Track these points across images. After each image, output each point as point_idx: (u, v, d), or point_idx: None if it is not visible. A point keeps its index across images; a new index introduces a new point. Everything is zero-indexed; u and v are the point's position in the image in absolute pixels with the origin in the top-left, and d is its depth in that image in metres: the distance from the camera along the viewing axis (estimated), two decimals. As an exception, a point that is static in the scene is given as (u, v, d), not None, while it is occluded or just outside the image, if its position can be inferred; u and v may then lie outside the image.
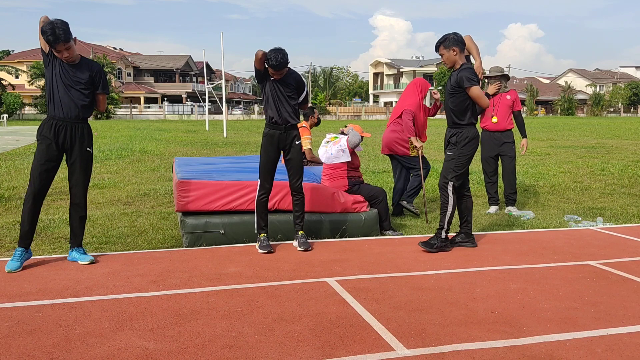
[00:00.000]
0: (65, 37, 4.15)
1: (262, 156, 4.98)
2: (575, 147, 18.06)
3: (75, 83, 4.34)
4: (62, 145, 4.38)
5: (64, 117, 4.34)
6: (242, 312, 3.47)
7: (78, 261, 4.47)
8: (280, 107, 4.91)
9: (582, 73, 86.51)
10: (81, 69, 4.38)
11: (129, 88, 64.15)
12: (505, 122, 6.95)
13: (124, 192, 8.46)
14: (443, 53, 4.95)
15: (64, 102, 4.32)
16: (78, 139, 4.41)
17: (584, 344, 3.07)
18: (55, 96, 4.32)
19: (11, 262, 4.27)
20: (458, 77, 4.93)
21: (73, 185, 4.51)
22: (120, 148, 16.32)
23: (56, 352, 2.90)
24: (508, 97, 6.99)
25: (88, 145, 4.49)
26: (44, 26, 4.14)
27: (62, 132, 4.34)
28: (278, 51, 4.71)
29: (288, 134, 4.97)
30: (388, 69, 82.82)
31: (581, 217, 6.69)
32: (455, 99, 4.99)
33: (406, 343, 3.05)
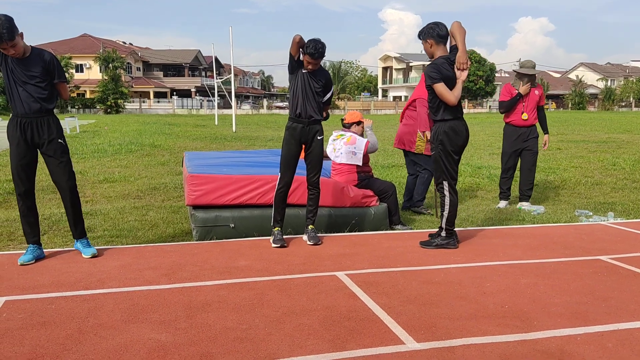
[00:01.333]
0: (9, 36, 3.96)
1: (283, 149, 4.99)
2: (586, 141, 17.94)
3: (30, 78, 4.19)
4: (32, 141, 4.29)
5: (26, 113, 4.23)
6: (253, 305, 3.49)
7: (82, 254, 4.50)
8: (307, 101, 4.91)
9: (593, 67, 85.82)
10: (33, 62, 4.21)
11: (139, 82, 64.35)
12: (532, 117, 6.85)
13: (135, 186, 8.51)
14: (423, 45, 4.87)
15: (23, 98, 4.20)
16: (46, 132, 4.30)
17: (594, 338, 3.07)
18: (14, 93, 4.21)
19: (24, 256, 4.33)
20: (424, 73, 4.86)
21: (55, 178, 4.43)
22: (130, 142, 16.39)
23: (69, 343, 2.93)
24: (536, 93, 6.86)
25: (58, 137, 4.36)
26: None
27: (29, 128, 4.25)
28: (317, 41, 4.74)
29: (310, 129, 4.98)
30: (397, 63, 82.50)
31: (592, 212, 6.65)
32: (429, 95, 4.90)
33: (416, 337, 3.06)
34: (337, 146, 5.87)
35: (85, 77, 59.12)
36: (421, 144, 6.38)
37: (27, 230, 4.41)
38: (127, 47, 68.84)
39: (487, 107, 67.51)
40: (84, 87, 56.99)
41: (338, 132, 6.00)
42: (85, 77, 59.10)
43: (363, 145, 5.80)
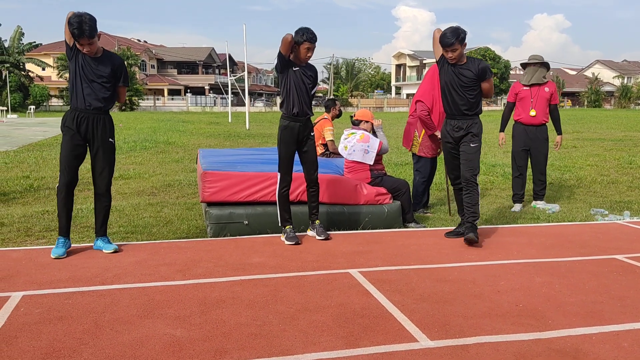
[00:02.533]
0: (90, 33, 4.23)
1: (281, 150, 4.96)
2: (602, 139, 17.76)
3: (98, 77, 4.41)
4: (85, 136, 4.46)
5: (85, 109, 4.42)
6: (267, 302, 3.51)
7: (103, 250, 4.56)
8: (302, 98, 4.91)
9: (609, 64, 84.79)
10: (103, 62, 4.45)
11: (153, 80, 64.74)
12: (541, 115, 6.59)
13: (149, 182, 8.57)
14: (457, 48, 4.81)
15: (86, 94, 4.39)
16: (100, 130, 4.49)
17: (610, 338, 3.04)
18: (78, 88, 4.40)
19: (56, 249, 4.41)
20: (481, 68, 4.91)
21: (97, 175, 4.59)
22: (145, 139, 16.51)
23: (86, 337, 2.97)
24: (546, 90, 6.59)
25: (110, 136, 4.57)
26: (71, 18, 4.20)
27: (84, 123, 4.43)
28: (307, 28, 4.80)
29: (306, 126, 4.99)
30: (411, 60, 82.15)
31: (608, 211, 6.59)
32: (473, 90, 4.96)
33: (430, 334, 3.06)
34: (350, 144, 5.86)
35: (100, 75, 59.50)
36: (416, 144, 6.33)
37: (64, 222, 4.51)
38: (141, 45, 69.31)
39: (502, 104, 67.01)
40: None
41: (349, 131, 5.99)
42: (100, 75, 59.48)
43: (376, 145, 5.79)
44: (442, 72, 5.03)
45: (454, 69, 4.94)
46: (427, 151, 6.29)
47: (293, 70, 4.88)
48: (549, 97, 6.60)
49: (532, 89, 6.60)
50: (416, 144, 6.30)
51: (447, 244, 4.96)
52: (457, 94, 4.95)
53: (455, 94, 4.96)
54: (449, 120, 5.10)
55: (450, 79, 4.96)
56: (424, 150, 6.28)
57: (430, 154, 6.32)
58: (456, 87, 4.94)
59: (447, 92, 5.01)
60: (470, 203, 4.98)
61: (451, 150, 5.14)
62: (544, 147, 6.68)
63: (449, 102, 5.02)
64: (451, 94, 4.98)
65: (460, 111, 4.99)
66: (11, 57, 49.87)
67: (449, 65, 4.95)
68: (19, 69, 50.45)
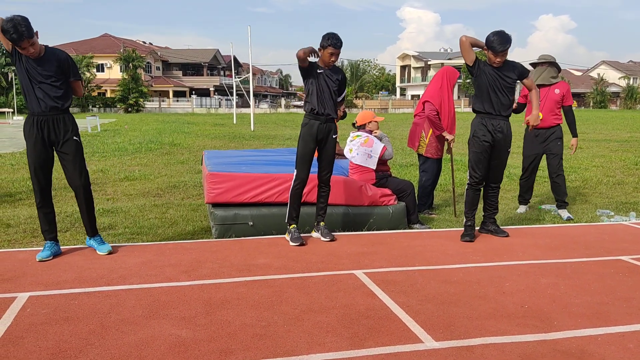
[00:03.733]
0: (28, 34, 4.04)
1: (300, 146, 5.02)
2: (607, 140, 17.69)
3: (45, 77, 4.25)
4: (49, 139, 4.35)
5: (43, 112, 4.28)
6: (272, 303, 3.51)
7: (97, 251, 4.56)
8: (324, 99, 4.96)
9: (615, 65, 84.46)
10: (48, 61, 4.27)
11: (158, 82, 64.90)
12: (550, 118, 6.30)
13: (154, 184, 8.60)
14: (507, 53, 4.97)
15: (39, 97, 4.26)
16: (62, 130, 4.36)
17: (615, 339, 3.04)
18: (30, 92, 4.26)
19: (42, 252, 4.40)
20: (520, 67, 5.11)
21: (69, 177, 4.49)
22: (150, 141, 16.55)
23: (92, 338, 2.98)
24: (556, 92, 6.31)
25: (74, 134, 4.42)
26: (4, 25, 4.01)
27: (45, 126, 4.30)
28: (333, 33, 4.87)
29: (327, 126, 5.01)
30: (415, 61, 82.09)
31: (614, 212, 6.57)
32: (514, 90, 5.11)
33: (435, 335, 3.06)
34: (355, 147, 5.87)
35: (106, 77, 59.79)
36: (422, 145, 6.31)
37: (45, 227, 4.48)
38: (146, 47, 69.48)
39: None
40: (104, 87, 57.63)
41: (355, 133, 6.00)
42: (106, 77, 59.77)
43: (379, 150, 5.79)
44: (481, 76, 5.08)
45: (497, 72, 5.04)
46: (434, 152, 6.28)
47: (317, 73, 4.94)
48: (560, 99, 6.33)
49: (541, 90, 6.30)
50: (423, 145, 6.29)
51: (452, 245, 4.96)
52: (503, 94, 5.08)
53: (501, 95, 5.07)
54: (489, 120, 5.11)
55: (494, 80, 5.04)
56: (430, 151, 6.27)
57: (437, 155, 6.31)
58: (501, 88, 5.05)
59: (491, 93, 5.07)
60: (496, 201, 5.40)
61: (487, 149, 5.15)
62: (557, 147, 6.39)
63: (493, 102, 5.08)
64: (496, 95, 5.06)
65: (505, 111, 5.12)
66: (17, 59, 50.07)
67: (490, 68, 5.05)
68: (25, 71, 50.66)
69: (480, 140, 5.14)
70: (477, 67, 5.09)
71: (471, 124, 5.25)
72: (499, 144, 5.13)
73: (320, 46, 4.89)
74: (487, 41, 4.95)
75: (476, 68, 5.08)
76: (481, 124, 5.14)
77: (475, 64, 5.08)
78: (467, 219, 5.26)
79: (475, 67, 5.08)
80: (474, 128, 5.21)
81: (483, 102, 5.12)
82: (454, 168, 6.50)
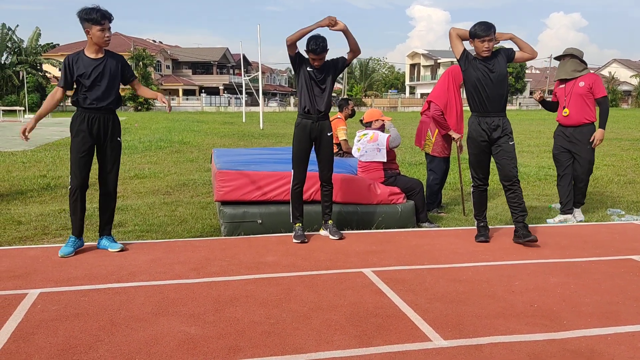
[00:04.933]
0: (110, 16, 4.35)
1: (294, 147, 5.01)
2: (619, 139, 17.56)
3: (103, 74, 4.41)
4: (96, 136, 4.46)
5: (94, 109, 4.42)
6: (280, 300, 3.52)
7: (108, 249, 4.59)
8: (313, 97, 4.93)
9: (626, 63, 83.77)
10: (107, 60, 4.47)
11: (168, 80, 65.18)
12: (577, 115, 5.82)
13: (164, 182, 8.64)
14: (492, 38, 4.77)
15: (94, 95, 4.39)
16: (110, 130, 4.50)
17: (625, 338, 3.02)
18: (86, 89, 4.39)
19: (64, 248, 4.45)
20: (503, 50, 4.91)
21: (105, 175, 4.59)
22: (160, 139, 16.63)
23: (102, 334, 3.00)
24: (581, 84, 5.81)
25: (118, 135, 4.59)
26: (86, 9, 4.29)
27: (95, 123, 4.43)
28: (317, 37, 4.78)
29: (320, 125, 4.99)
30: (425, 60, 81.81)
31: (624, 211, 6.52)
32: (505, 82, 4.91)
33: (443, 334, 3.05)
34: (363, 145, 5.87)
35: (116, 75, 60.04)
36: (429, 144, 6.29)
37: (77, 222, 4.54)
38: (156, 46, 69.78)
39: (517, 104, 66.50)
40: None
41: (361, 132, 5.99)
42: (116, 75, 60.03)
43: (385, 140, 5.79)
44: (469, 70, 4.90)
45: (485, 64, 4.83)
46: (440, 151, 6.26)
47: (305, 70, 4.91)
48: (586, 92, 5.79)
49: (566, 85, 5.93)
50: (429, 144, 6.28)
51: (461, 244, 4.94)
52: (494, 88, 4.83)
53: (490, 90, 4.83)
54: (483, 118, 4.91)
55: (482, 75, 4.84)
56: (437, 150, 6.25)
57: (444, 154, 6.29)
58: (490, 81, 4.82)
59: (480, 89, 4.85)
60: (519, 202, 4.96)
61: (484, 149, 4.98)
62: (585, 151, 5.88)
63: (482, 99, 4.86)
64: (485, 91, 4.84)
65: (497, 107, 4.89)
66: (29, 58, 50.47)
67: (478, 62, 4.85)
68: (36, 70, 51.05)
69: (476, 140, 4.97)
70: (465, 59, 4.89)
71: (467, 124, 5.10)
72: (497, 140, 4.91)
73: (305, 49, 4.84)
74: (470, 33, 4.80)
75: (464, 60, 4.90)
76: (475, 123, 4.96)
77: (462, 55, 4.91)
78: (477, 221, 5.17)
79: (462, 59, 4.91)
80: (469, 128, 5.05)
81: (475, 99, 4.91)
82: (461, 167, 6.46)
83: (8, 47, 50.36)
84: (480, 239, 5.04)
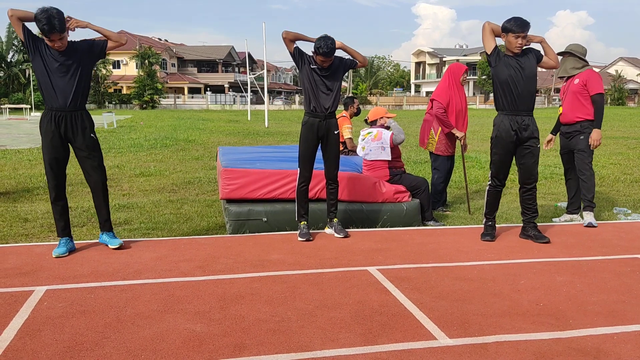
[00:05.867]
0: (61, 28, 4.07)
1: (301, 145, 5.01)
2: (625, 138, 17.47)
3: (68, 68, 4.24)
4: (65, 135, 4.35)
5: (61, 107, 4.28)
6: (285, 298, 3.52)
7: (108, 245, 4.59)
8: (319, 95, 4.92)
9: (633, 62, 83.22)
10: (70, 52, 4.27)
11: (173, 78, 65.28)
12: (571, 112, 5.76)
13: (169, 180, 8.66)
14: (527, 35, 4.72)
15: (59, 92, 4.24)
16: (79, 127, 4.36)
17: (632, 337, 3.00)
18: (48, 87, 4.24)
19: (57, 249, 4.41)
20: (534, 50, 4.86)
21: (86, 173, 4.52)
22: (165, 137, 16.66)
23: (108, 331, 3.01)
24: (575, 82, 5.73)
25: (91, 132, 4.43)
26: (37, 14, 4.03)
27: (63, 122, 4.30)
28: (326, 38, 4.75)
29: (327, 123, 4.98)
30: (430, 58, 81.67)
31: (631, 210, 6.49)
32: (535, 81, 4.85)
33: (448, 332, 3.05)
34: (367, 144, 5.87)
35: (122, 73, 60.27)
36: (432, 142, 6.27)
37: (61, 223, 4.50)
38: (162, 44, 69.89)
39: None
40: (120, 83, 58.12)
41: (366, 131, 5.98)
42: (122, 73, 60.26)
43: (388, 138, 5.78)
44: (500, 67, 4.81)
45: (517, 61, 4.77)
46: (444, 149, 6.25)
47: (310, 68, 4.90)
48: (580, 90, 5.68)
49: (566, 83, 5.89)
50: (432, 142, 6.27)
51: (466, 243, 4.93)
52: (524, 86, 4.77)
53: (521, 87, 4.76)
54: (513, 117, 4.81)
55: (514, 72, 4.76)
56: (440, 149, 6.24)
57: (448, 152, 6.28)
58: (522, 79, 4.75)
59: (511, 86, 4.77)
60: (533, 203, 5.04)
61: (510, 150, 4.90)
62: (582, 143, 5.71)
63: (514, 96, 4.78)
64: (517, 88, 4.76)
65: (527, 105, 4.82)
66: (35, 56, 50.62)
67: (509, 58, 4.79)
68: (42, 68, 51.18)
69: (505, 141, 4.85)
70: (497, 55, 4.82)
71: (493, 123, 4.99)
72: (527, 141, 4.85)
73: (312, 49, 4.82)
74: (504, 27, 4.73)
75: (495, 57, 4.83)
76: (505, 123, 4.84)
77: (494, 51, 4.83)
78: (487, 220, 5.13)
79: (493, 55, 4.83)
80: (497, 127, 4.92)
81: (505, 97, 4.82)
82: (465, 166, 6.44)
83: (14, 46, 50.53)
84: (487, 238, 5.02)
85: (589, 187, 5.72)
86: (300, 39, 4.87)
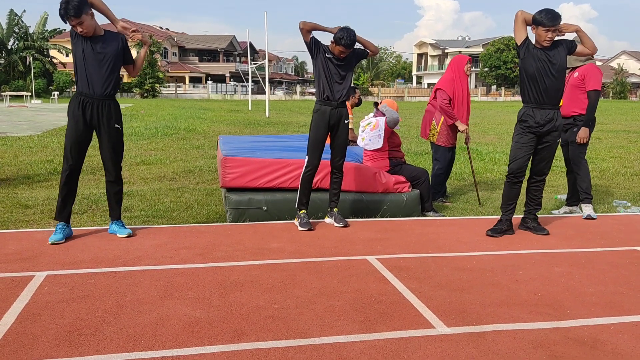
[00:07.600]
0: (75, 12, 4.09)
1: (312, 133, 5.00)
2: (627, 131, 17.45)
3: (102, 57, 4.32)
4: (90, 122, 4.38)
5: (90, 94, 4.34)
6: (285, 286, 3.54)
7: (117, 234, 4.61)
8: (333, 84, 4.93)
9: (636, 55, 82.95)
10: (107, 42, 4.36)
11: (175, 67, 65.13)
12: (568, 105, 5.72)
13: (170, 168, 8.66)
14: (557, 29, 4.62)
15: (90, 78, 4.31)
16: (105, 116, 4.40)
17: (629, 328, 3.02)
18: (82, 72, 4.30)
19: (53, 235, 4.39)
20: (566, 41, 4.75)
21: (104, 161, 4.56)
22: (166, 126, 16.65)
23: (108, 316, 3.03)
24: (575, 75, 5.72)
25: (116, 122, 4.48)
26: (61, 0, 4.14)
27: (89, 108, 4.34)
28: (348, 30, 4.75)
29: (338, 111, 4.99)
30: (432, 49, 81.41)
31: (630, 203, 6.50)
32: (564, 74, 4.76)
33: (446, 321, 3.07)
34: (366, 135, 5.88)
35: (123, 62, 60.04)
36: (434, 133, 6.26)
37: (61, 207, 4.49)
38: (163, 32, 69.64)
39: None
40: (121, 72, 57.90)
41: (365, 122, 5.98)
42: (122, 62, 60.03)
43: (383, 124, 5.77)
44: (528, 60, 4.71)
45: (546, 54, 4.67)
46: (445, 140, 6.24)
47: (325, 57, 4.90)
48: (578, 84, 5.68)
49: (568, 74, 5.80)
50: (434, 133, 6.26)
51: (465, 233, 4.95)
52: (553, 80, 4.69)
53: (549, 81, 4.68)
54: (538, 110, 4.75)
55: (542, 65, 4.67)
56: (442, 140, 6.23)
57: (449, 144, 6.28)
58: (550, 73, 4.67)
59: (538, 80, 4.70)
60: (539, 196, 5.07)
61: (531, 141, 4.81)
62: (571, 135, 5.78)
63: (540, 90, 4.71)
64: (544, 82, 4.68)
65: (554, 99, 4.75)
66: (36, 44, 50.46)
67: (539, 51, 4.69)
68: (43, 55, 51.05)
69: (526, 131, 4.80)
70: (526, 48, 4.71)
71: (518, 114, 4.91)
72: (547, 135, 4.79)
73: (333, 40, 4.82)
74: (534, 19, 4.61)
75: (524, 48, 4.71)
76: (528, 114, 4.77)
77: (524, 43, 4.71)
78: (502, 214, 5.03)
79: (523, 47, 4.71)
80: (520, 119, 4.86)
81: (532, 90, 4.73)
82: (471, 158, 6.44)
83: (15, 33, 50.34)
84: (489, 233, 4.88)
85: (583, 178, 5.75)
86: (317, 29, 4.89)
